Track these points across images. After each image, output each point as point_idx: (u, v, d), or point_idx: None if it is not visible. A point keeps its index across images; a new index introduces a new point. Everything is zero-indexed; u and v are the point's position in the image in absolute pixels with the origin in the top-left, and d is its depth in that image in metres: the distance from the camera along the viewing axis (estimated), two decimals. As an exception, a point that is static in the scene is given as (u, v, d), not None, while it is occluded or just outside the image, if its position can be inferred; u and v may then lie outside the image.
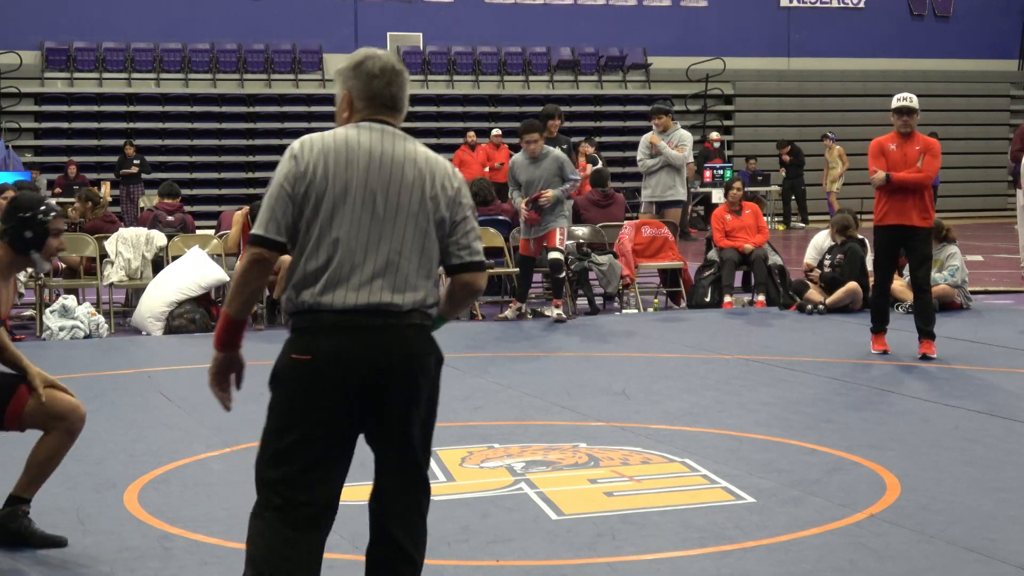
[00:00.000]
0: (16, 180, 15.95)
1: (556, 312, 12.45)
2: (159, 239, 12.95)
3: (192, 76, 26.19)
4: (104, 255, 12.75)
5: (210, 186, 25.45)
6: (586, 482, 6.33)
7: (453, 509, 5.78)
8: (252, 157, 25.91)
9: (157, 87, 25.85)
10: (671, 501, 6.00)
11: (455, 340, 10.68)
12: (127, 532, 5.54)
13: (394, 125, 3.83)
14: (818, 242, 13.46)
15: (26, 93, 25.01)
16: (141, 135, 24.89)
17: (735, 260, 13.48)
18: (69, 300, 11.88)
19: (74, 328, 11.58)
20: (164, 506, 5.96)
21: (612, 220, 14.23)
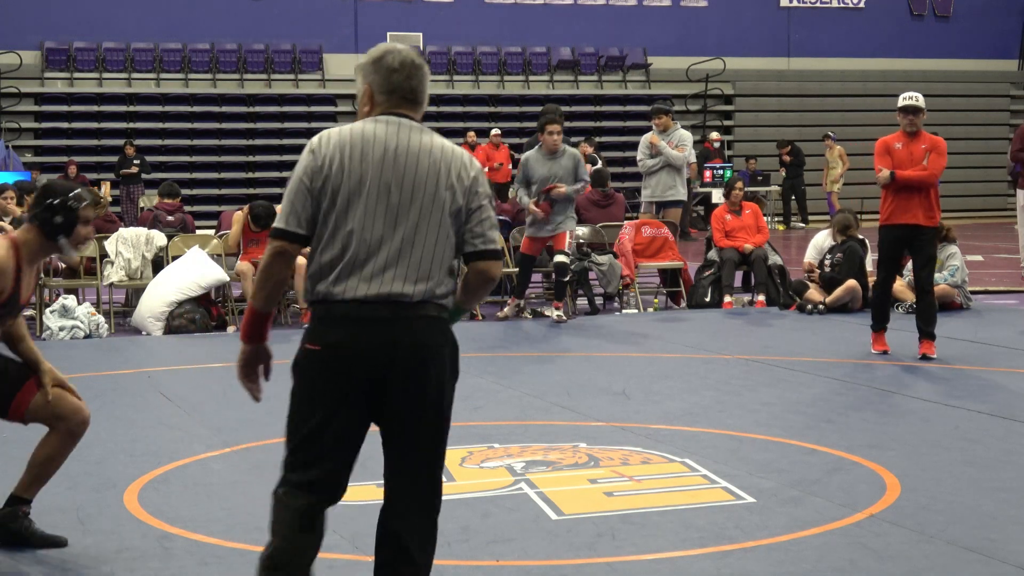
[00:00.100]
0: (16, 180, 15.93)
1: (556, 314, 12.43)
2: (159, 239, 12.95)
3: (192, 76, 26.19)
4: (104, 255, 12.75)
5: (210, 186, 25.45)
6: (586, 482, 6.33)
7: (453, 509, 5.77)
8: (252, 157, 25.91)
9: (157, 87, 25.85)
10: (671, 501, 6.00)
11: (455, 340, 10.67)
12: (127, 532, 5.54)
13: (413, 118, 3.87)
14: (818, 242, 13.46)
15: (26, 93, 25.01)
16: (141, 135, 24.88)
17: (735, 260, 13.48)
18: (69, 300, 11.88)
19: (74, 328, 11.59)
20: (164, 506, 5.96)
21: (612, 220, 14.23)
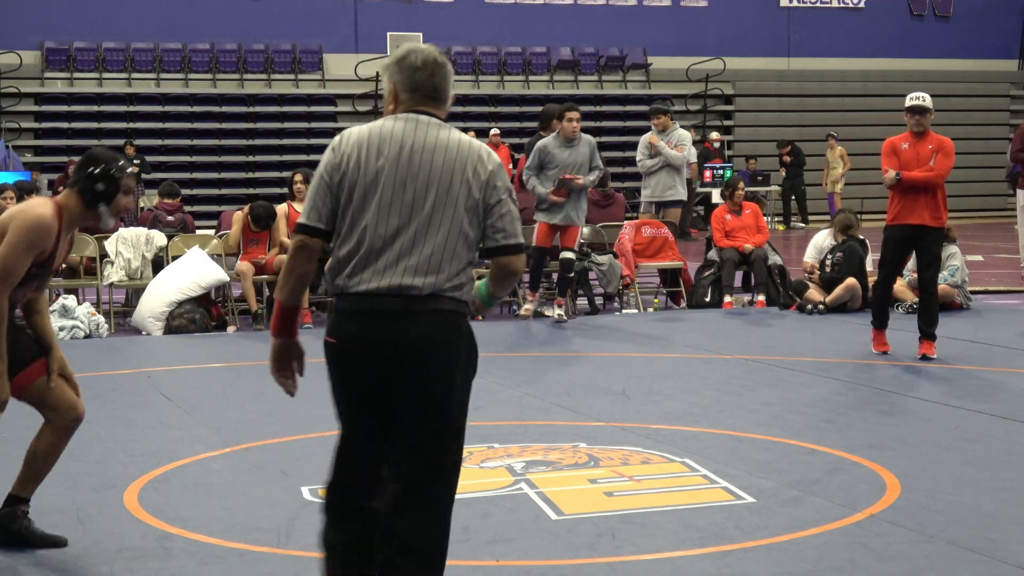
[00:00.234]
0: (16, 180, 15.92)
1: (557, 312, 12.43)
2: (159, 239, 12.95)
3: (192, 76, 26.19)
4: (104, 255, 12.75)
5: (210, 186, 25.44)
6: (586, 482, 6.33)
7: (453, 509, 5.77)
8: (252, 157, 25.90)
9: (157, 87, 25.84)
10: (671, 501, 6.00)
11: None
12: (127, 532, 5.54)
13: (436, 115, 3.93)
14: (818, 242, 13.46)
15: (26, 93, 25.00)
16: (141, 135, 24.87)
17: (735, 260, 13.48)
18: (69, 300, 11.88)
19: (74, 328, 11.58)
20: (164, 506, 5.96)
21: (612, 220, 14.23)
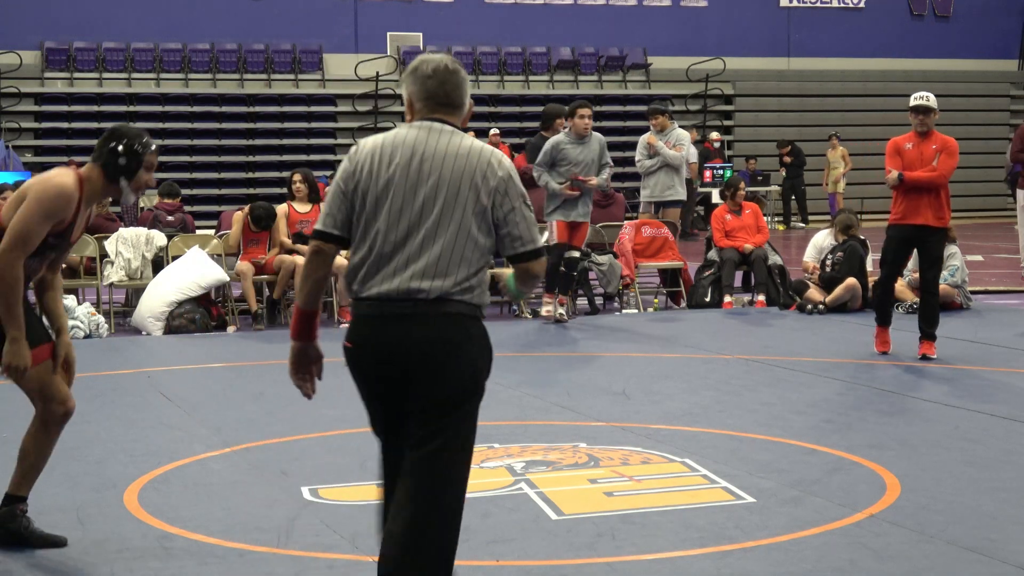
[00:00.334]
0: (16, 180, 15.93)
1: (558, 311, 12.44)
2: (159, 239, 12.95)
3: (192, 76, 26.19)
4: (104, 255, 12.75)
5: (210, 186, 25.44)
6: (586, 482, 6.33)
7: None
8: (252, 157, 25.90)
9: (157, 87, 25.84)
10: (671, 501, 6.00)
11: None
12: (127, 532, 5.54)
13: (450, 122, 3.98)
14: (818, 241, 13.47)
15: (26, 93, 25.00)
16: (141, 135, 24.85)
17: (735, 260, 13.48)
18: (69, 300, 11.86)
19: (74, 328, 11.57)
20: (164, 506, 5.96)
21: (612, 220, 14.23)
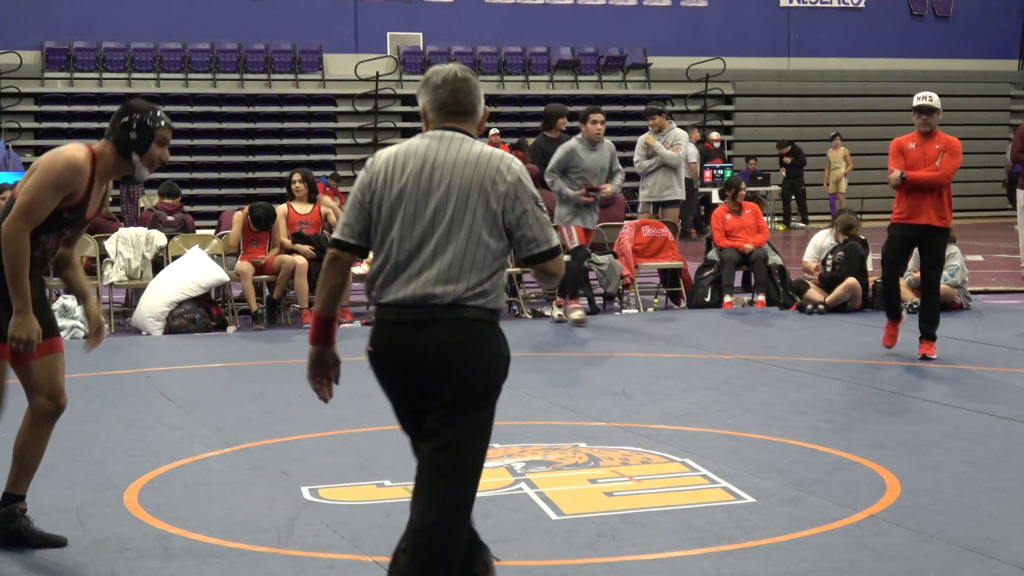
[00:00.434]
0: (16, 180, 15.93)
1: (558, 312, 12.45)
2: (159, 239, 12.95)
3: (192, 76, 26.19)
4: (104, 255, 12.76)
5: (210, 186, 25.45)
6: (586, 482, 6.34)
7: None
8: (252, 157, 25.91)
9: (157, 87, 25.83)
10: (671, 501, 6.00)
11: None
12: (127, 532, 5.54)
13: (463, 130, 4.05)
14: (818, 242, 13.47)
15: (26, 93, 25.01)
16: (141, 135, 24.84)
17: (735, 260, 13.48)
18: (69, 300, 11.87)
19: (74, 328, 11.58)
20: (164, 506, 5.96)
21: (612, 220, 14.23)
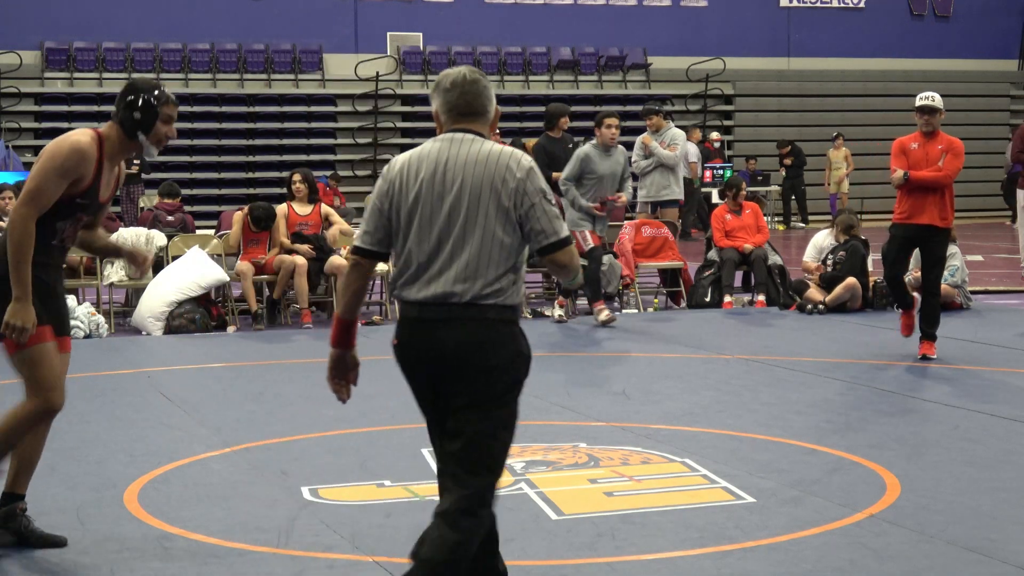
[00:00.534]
0: (16, 180, 15.92)
1: (558, 312, 12.45)
2: (159, 239, 12.96)
3: (192, 76, 26.19)
4: (104, 255, 12.75)
5: (210, 186, 25.43)
6: (586, 482, 6.34)
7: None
8: (252, 157, 25.90)
9: (157, 87, 25.81)
10: (671, 501, 6.00)
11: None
12: (127, 532, 5.54)
13: (474, 130, 4.11)
14: (818, 242, 13.47)
15: (26, 93, 25.00)
16: (141, 135, 24.84)
17: (735, 260, 13.48)
18: (69, 300, 11.87)
19: (74, 328, 11.58)
20: (164, 506, 5.96)
21: (613, 220, 14.21)
